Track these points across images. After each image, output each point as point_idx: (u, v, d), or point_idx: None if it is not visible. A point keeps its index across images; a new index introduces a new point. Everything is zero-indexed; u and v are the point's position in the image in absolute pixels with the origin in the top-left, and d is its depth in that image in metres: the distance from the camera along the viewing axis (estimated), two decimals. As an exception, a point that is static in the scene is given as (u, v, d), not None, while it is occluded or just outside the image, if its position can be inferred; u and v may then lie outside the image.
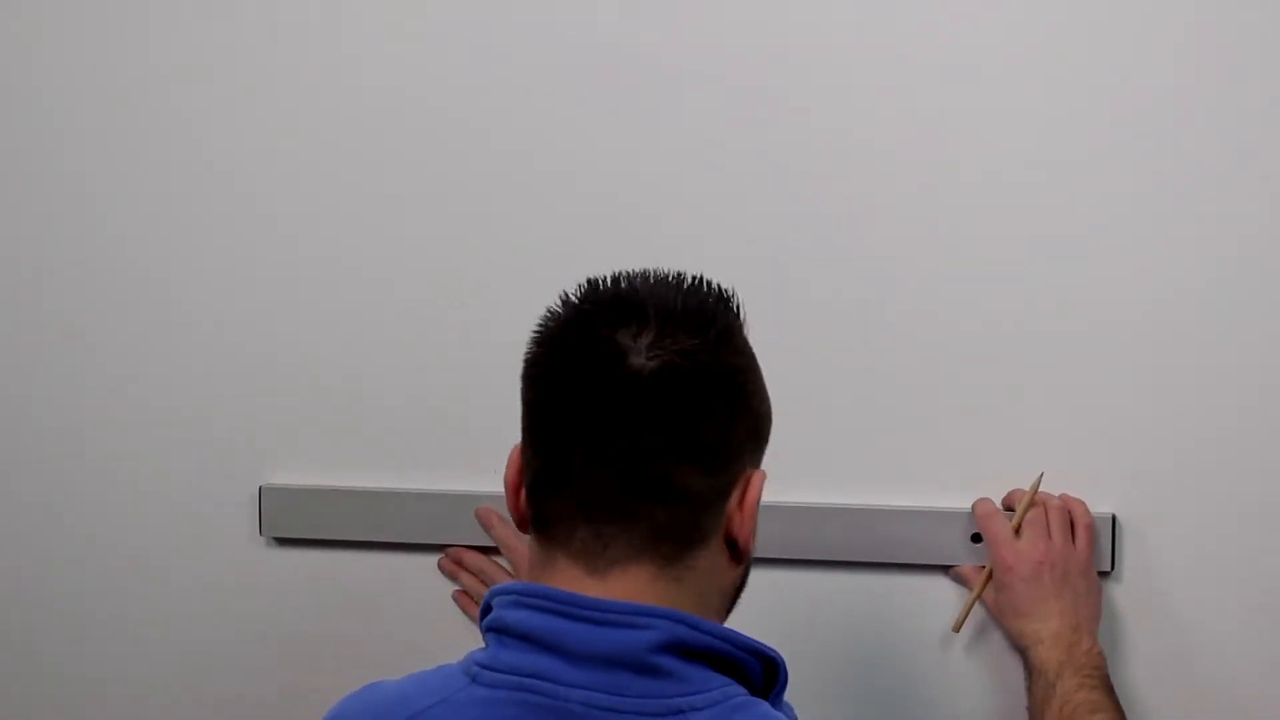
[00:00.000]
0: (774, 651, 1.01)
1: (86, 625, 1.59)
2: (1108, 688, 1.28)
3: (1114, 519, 1.36)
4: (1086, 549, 1.34)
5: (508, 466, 1.03)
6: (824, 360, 1.41)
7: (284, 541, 1.53)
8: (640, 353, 0.97)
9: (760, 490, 1.02)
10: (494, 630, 0.99)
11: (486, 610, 1.02)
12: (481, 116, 1.46)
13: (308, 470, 1.52)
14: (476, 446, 1.45)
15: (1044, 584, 1.31)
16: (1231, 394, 1.34)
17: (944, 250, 1.38)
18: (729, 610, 1.04)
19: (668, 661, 0.95)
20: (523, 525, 1.03)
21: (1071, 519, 1.34)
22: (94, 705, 1.59)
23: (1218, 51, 1.31)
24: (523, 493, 1.02)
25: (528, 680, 0.96)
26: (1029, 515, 1.34)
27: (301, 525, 1.51)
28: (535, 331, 1.03)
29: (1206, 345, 1.34)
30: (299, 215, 1.51)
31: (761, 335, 1.40)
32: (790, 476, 1.39)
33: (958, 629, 1.37)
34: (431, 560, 1.50)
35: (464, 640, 1.47)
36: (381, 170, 1.48)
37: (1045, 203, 1.35)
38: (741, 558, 1.03)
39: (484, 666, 0.98)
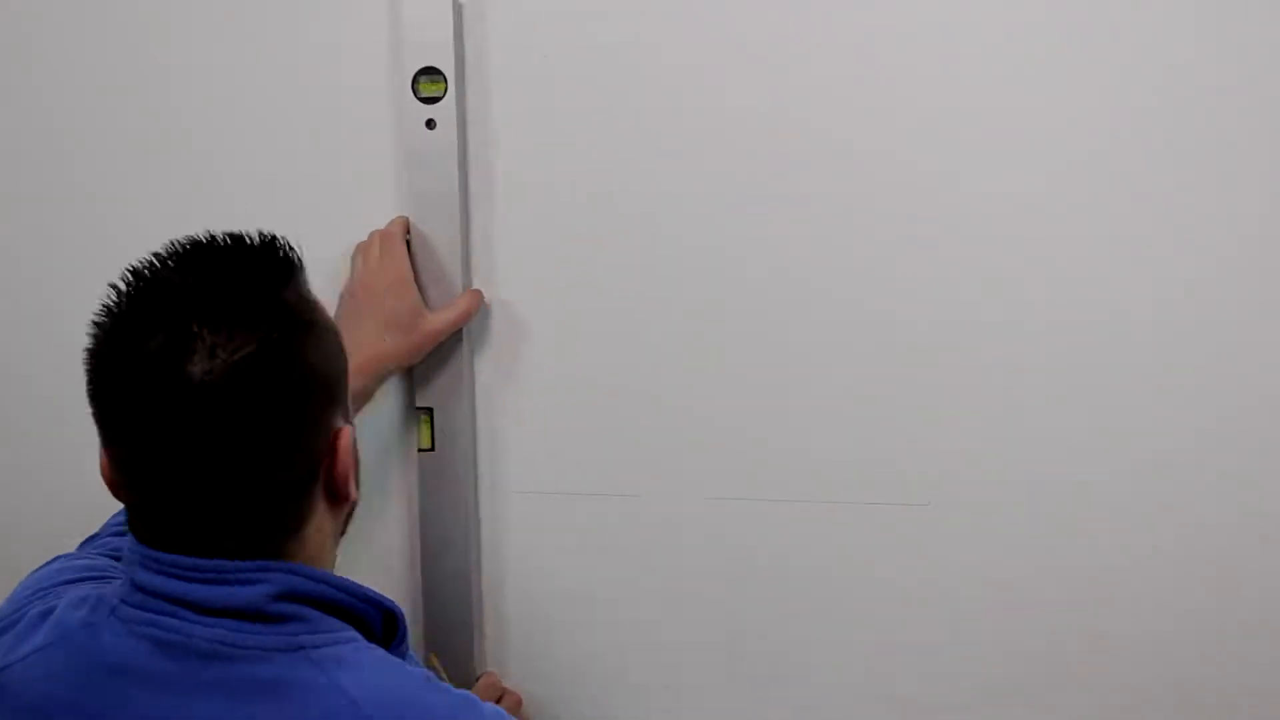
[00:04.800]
0: (392, 603, 1.06)
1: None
2: None
3: (1111, 518, 1.36)
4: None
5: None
6: (823, 361, 1.41)
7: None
8: (199, 362, 0.97)
9: (350, 444, 1.05)
10: (130, 580, 1.03)
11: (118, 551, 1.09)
12: (479, 121, 1.46)
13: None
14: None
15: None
16: (1231, 394, 1.34)
17: (946, 254, 1.38)
18: (338, 543, 1.10)
19: (287, 607, 1.00)
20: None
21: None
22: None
23: (1218, 52, 1.31)
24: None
25: (157, 617, 1.01)
26: None
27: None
28: (89, 338, 1.03)
29: (1206, 346, 1.34)
30: (299, 216, 1.50)
31: (759, 334, 1.42)
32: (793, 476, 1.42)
33: None
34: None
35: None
36: (379, 170, 1.48)
37: (1045, 206, 1.35)
38: (344, 502, 1.06)
39: (122, 601, 1.03)
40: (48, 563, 1.21)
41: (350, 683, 0.99)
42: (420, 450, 1.48)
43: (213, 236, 1.05)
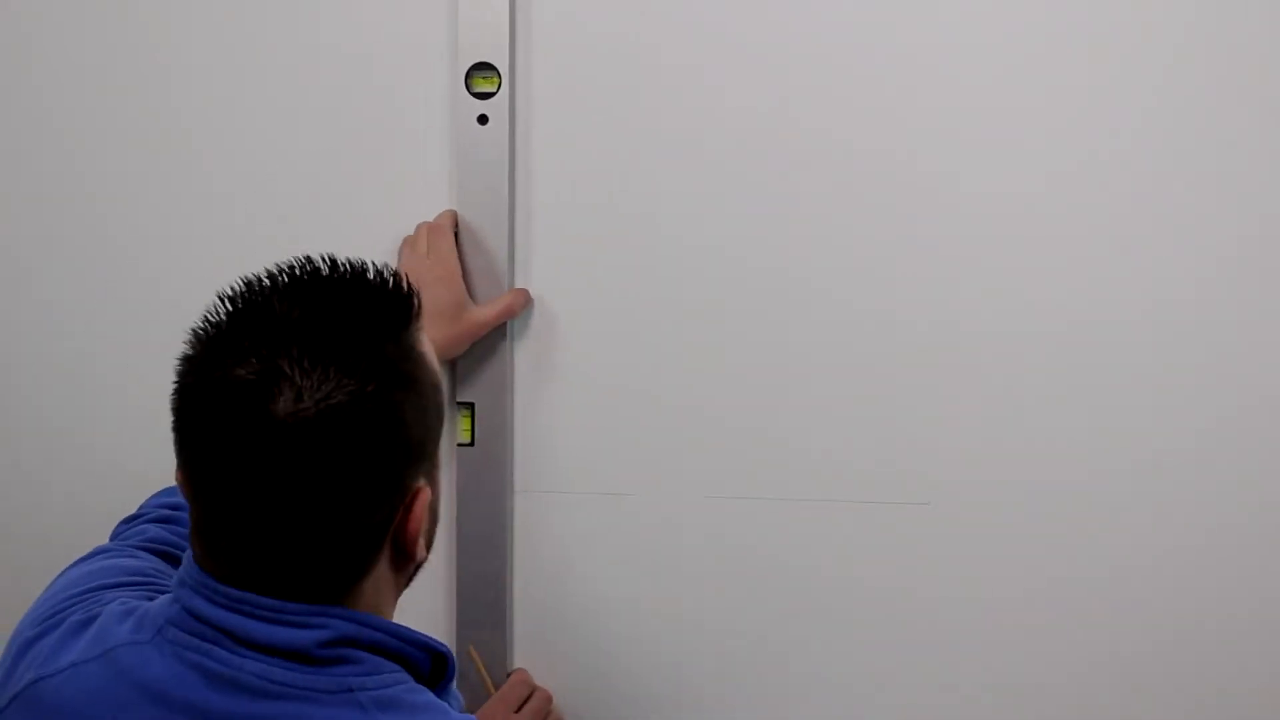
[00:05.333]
0: (443, 646, 1.05)
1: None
2: None
3: (1111, 518, 1.36)
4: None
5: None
6: (824, 361, 1.41)
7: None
8: (285, 402, 0.94)
9: (423, 510, 1.01)
10: (180, 604, 1.01)
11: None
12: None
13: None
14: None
15: None
16: (1231, 394, 1.34)
17: (946, 255, 1.38)
18: (398, 596, 1.07)
19: (337, 652, 0.99)
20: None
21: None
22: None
23: (1218, 52, 1.31)
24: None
25: (208, 646, 0.99)
26: None
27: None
28: (180, 367, 1.00)
29: (1206, 346, 1.34)
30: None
31: (760, 334, 1.42)
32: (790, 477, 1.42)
33: None
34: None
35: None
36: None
37: (1045, 206, 1.35)
38: (409, 561, 1.04)
39: (169, 622, 1.01)
40: (88, 556, 1.17)
41: None
42: (459, 445, 1.48)
43: (334, 264, 1.02)
